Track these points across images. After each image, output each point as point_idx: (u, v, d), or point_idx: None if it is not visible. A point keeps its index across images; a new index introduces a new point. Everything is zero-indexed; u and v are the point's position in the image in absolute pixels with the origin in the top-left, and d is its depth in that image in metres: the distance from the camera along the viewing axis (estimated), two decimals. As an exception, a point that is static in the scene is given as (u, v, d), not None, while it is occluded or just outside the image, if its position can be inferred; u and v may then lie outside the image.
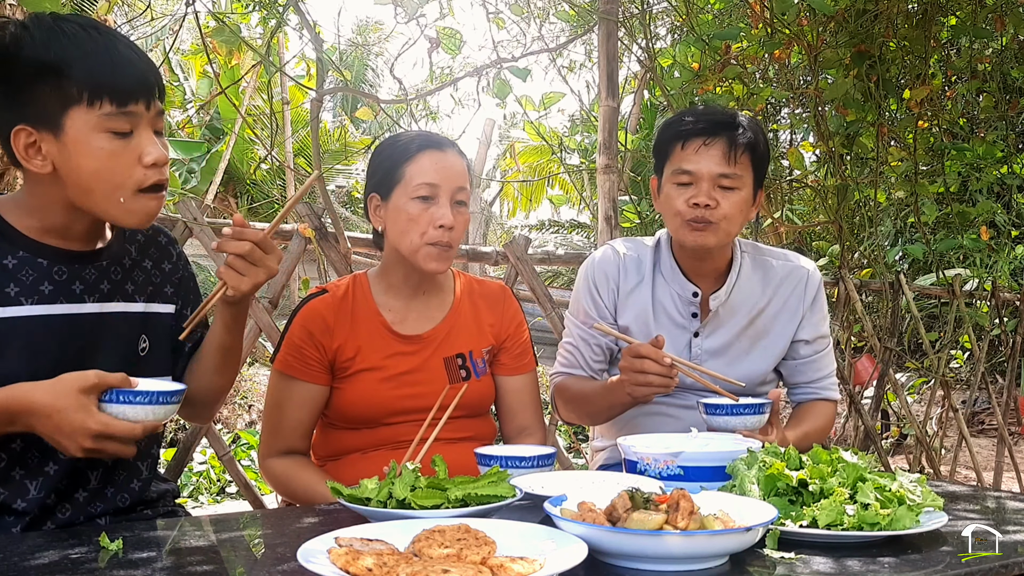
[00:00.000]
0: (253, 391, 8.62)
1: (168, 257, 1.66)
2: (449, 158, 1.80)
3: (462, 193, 1.80)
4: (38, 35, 1.34)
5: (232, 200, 14.69)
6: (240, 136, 12.13)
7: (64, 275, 1.47)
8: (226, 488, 6.17)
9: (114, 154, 1.36)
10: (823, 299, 2.10)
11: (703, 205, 1.89)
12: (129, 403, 1.31)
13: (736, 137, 1.90)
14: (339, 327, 1.81)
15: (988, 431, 8.54)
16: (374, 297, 1.87)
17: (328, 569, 0.97)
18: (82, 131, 1.35)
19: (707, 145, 1.90)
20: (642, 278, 2.05)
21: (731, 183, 1.91)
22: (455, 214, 1.78)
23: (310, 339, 1.80)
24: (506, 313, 1.97)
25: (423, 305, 1.89)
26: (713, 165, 1.89)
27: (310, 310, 1.83)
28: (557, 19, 5.44)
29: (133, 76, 1.37)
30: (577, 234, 15.57)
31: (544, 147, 13.65)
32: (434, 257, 1.78)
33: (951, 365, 6.24)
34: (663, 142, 1.99)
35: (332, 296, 1.85)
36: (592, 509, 1.16)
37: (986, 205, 5.21)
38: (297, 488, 1.79)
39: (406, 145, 1.82)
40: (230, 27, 2.94)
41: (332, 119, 17.49)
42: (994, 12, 4.00)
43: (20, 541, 1.26)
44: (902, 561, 1.15)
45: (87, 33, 1.36)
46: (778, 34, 3.72)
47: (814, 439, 1.95)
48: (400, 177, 1.78)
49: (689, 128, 1.93)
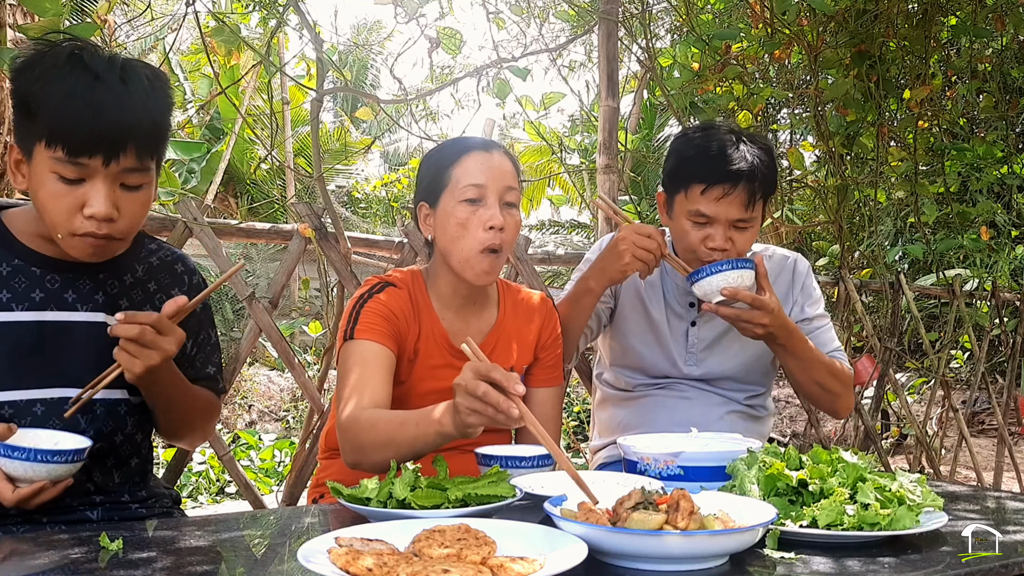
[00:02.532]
0: (253, 391, 8.63)
1: (179, 285, 1.66)
2: (495, 158, 1.76)
3: (511, 194, 1.75)
4: (39, 68, 1.36)
5: (232, 200, 14.69)
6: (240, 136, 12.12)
7: (56, 283, 1.49)
8: (225, 488, 6.18)
9: (57, 195, 1.38)
10: (812, 283, 2.13)
11: (720, 248, 1.93)
12: (7, 456, 1.30)
13: (755, 187, 1.92)
14: (412, 322, 1.77)
15: (988, 431, 8.54)
16: (432, 300, 1.82)
17: (328, 569, 0.97)
18: (39, 165, 1.37)
19: (727, 195, 1.91)
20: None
21: (746, 224, 1.95)
22: (505, 215, 1.72)
23: (392, 316, 1.72)
24: (546, 327, 1.94)
25: (473, 316, 1.85)
26: (733, 211, 1.93)
27: (391, 294, 1.75)
28: (557, 19, 5.44)
29: (95, 130, 1.34)
30: (577, 234, 15.56)
31: (544, 147, 13.64)
32: (484, 267, 1.72)
33: (951, 365, 6.25)
34: (681, 177, 1.98)
35: (405, 290, 1.78)
36: (592, 509, 1.16)
37: (986, 205, 5.21)
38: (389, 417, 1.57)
39: (452, 149, 1.78)
40: (230, 27, 2.94)
41: (332, 119, 17.50)
42: (994, 12, 4.00)
43: (20, 541, 1.26)
44: (902, 561, 1.15)
45: (83, 76, 1.34)
46: (778, 34, 3.72)
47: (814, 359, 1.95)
48: (447, 181, 1.74)
49: (711, 175, 1.93)
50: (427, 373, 1.76)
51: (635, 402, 2.15)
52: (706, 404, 2.10)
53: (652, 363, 2.12)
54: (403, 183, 13.12)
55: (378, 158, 18.97)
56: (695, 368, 2.10)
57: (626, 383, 2.18)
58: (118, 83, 1.36)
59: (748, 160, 1.93)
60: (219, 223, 2.64)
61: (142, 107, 1.38)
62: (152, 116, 1.40)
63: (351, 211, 14.87)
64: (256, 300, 2.58)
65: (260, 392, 8.76)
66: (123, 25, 9.20)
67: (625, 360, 2.17)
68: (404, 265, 2.68)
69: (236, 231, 2.72)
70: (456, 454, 1.75)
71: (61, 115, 1.33)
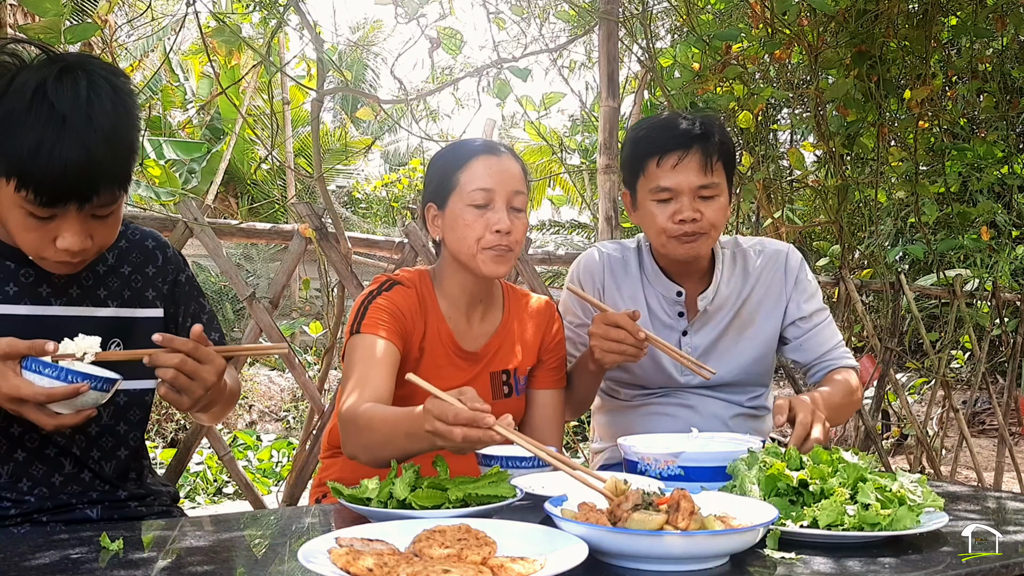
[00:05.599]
0: (253, 391, 8.63)
1: (153, 261, 1.65)
2: (504, 162, 1.77)
3: (519, 198, 1.76)
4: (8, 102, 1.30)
5: (232, 200, 14.70)
6: (240, 136, 12.14)
7: (31, 277, 1.48)
8: (223, 489, 6.18)
9: (27, 228, 1.36)
10: (806, 276, 2.09)
11: (689, 220, 1.89)
12: (37, 372, 1.30)
13: (710, 148, 1.90)
14: (418, 320, 1.78)
15: (989, 431, 8.54)
16: (439, 301, 1.83)
17: (328, 569, 0.97)
18: (6, 197, 1.33)
19: (683, 160, 1.89)
20: (628, 279, 2.06)
21: (710, 192, 1.91)
22: (512, 219, 1.74)
23: (400, 313, 1.74)
24: (550, 331, 1.95)
25: (479, 318, 1.87)
26: (692, 178, 1.89)
27: (399, 292, 1.77)
28: (557, 19, 5.44)
29: (65, 185, 1.31)
30: (578, 234, 15.57)
31: (544, 147, 13.64)
32: (493, 260, 1.74)
33: (952, 365, 6.24)
34: (635, 158, 1.97)
35: (413, 290, 1.80)
36: (593, 509, 1.16)
37: (986, 205, 5.21)
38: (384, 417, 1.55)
39: (460, 152, 1.80)
40: (230, 27, 2.94)
41: (332, 119, 17.51)
42: (994, 12, 4.00)
43: (20, 541, 1.26)
44: (902, 561, 1.15)
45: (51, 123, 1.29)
46: (778, 34, 3.72)
47: (839, 404, 1.89)
48: (455, 184, 1.76)
49: (662, 143, 1.91)
50: (432, 373, 1.75)
51: (636, 410, 2.10)
52: (709, 410, 2.05)
53: (647, 377, 2.07)
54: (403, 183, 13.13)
55: (378, 158, 18.98)
56: (694, 376, 2.02)
57: (624, 395, 2.13)
58: (84, 123, 1.31)
59: (697, 125, 1.92)
60: (219, 223, 2.64)
61: (110, 144, 1.33)
62: (120, 148, 1.36)
63: (351, 211, 14.88)
64: (256, 300, 2.58)
65: (260, 392, 8.75)
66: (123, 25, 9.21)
67: (619, 375, 2.10)
68: (404, 265, 2.69)
69: (236, 231, 2.73)
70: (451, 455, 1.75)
71: (29, 167, 1.29)
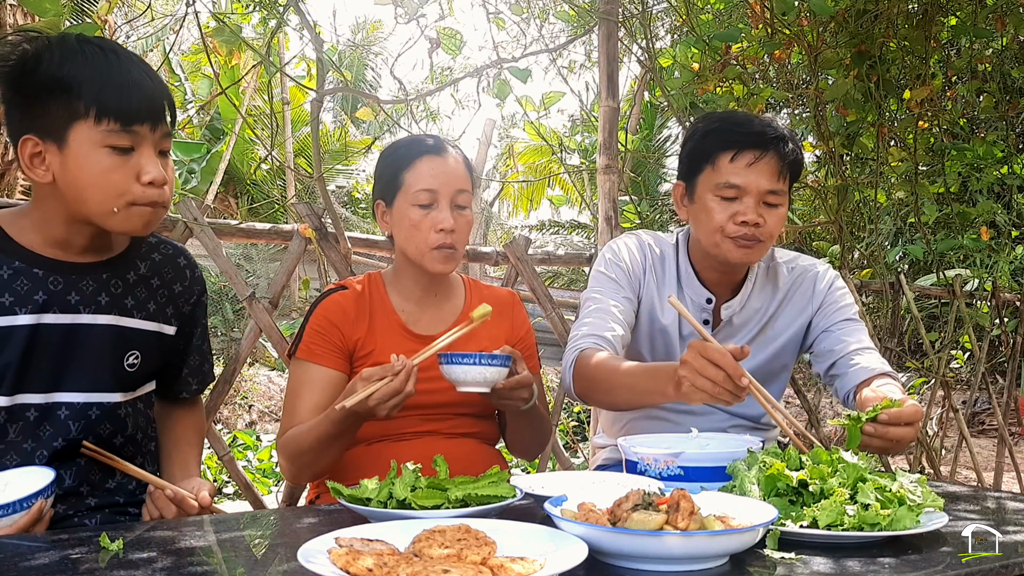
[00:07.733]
0: (253, 391, 8.63)
1: (182, 279, 1.69)
2: (448, 162, 1.83)
3: (462, 196, 1.83)
4: (57, 54, 1.39)
5: (232, 200, 14.69)
6: (240, 136, 12.14)
7: (60, 285, 1.48)
8: (223, 489, 6.17)
9: (113, 168, 1.40)
10: (837, 291, 2.00)
11: (752, 223, 1.82)
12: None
13: (786, 154, 1.84)
14: (359, 321, 1.84)
15: (988, 431, 8.54)
16: (389, 297, 1.90)
17: (328, 569, 0.97)
18: (84, 145, 1.38)
19: (759, 160, 1.82)
20: (665, 276, 2.01)
21: (776, 199, 1.85)
22: (456, 217, 1.81)
23: (332, 327, 1.82)
24: (515, 320, 1.99)
25: (435, 308, 1.92)
26: (763, 181, 1.82)
27: (332, 302, 1.85)
28: (557, 19, 5.44)
29: (140, 99, 1.41)
30: (577, 234, 15.56)
31: (544, 147, 13.66)
32: (439, 260, 1.81)
33: (951, 365, 6.24)
34: (706, 149, 1.88)
35: (352, 292, 1.87)
36: (592, 509, 1.16)
37: (986, 205, 5.20)
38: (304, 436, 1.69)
39: (405, 151, 1.85)
40: (230, 27, 2.94)
41: (332, 119, 17.50)
42: (994, 12, 3.99)
43: (20, 541, 1.26)
44: (902, 562, 1.15)
45: (104, 55, 1.41)
46: (778, 34, 3.72)
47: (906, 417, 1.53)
48: (400, 184, 1.82)
49: (740, 139, 1.84)
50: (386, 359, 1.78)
51: (636, 412, 2.09)
52: (711, 420, 2.00)
53: None
54: (403, 183, 13.09)
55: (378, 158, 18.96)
56: None
57: None
58: (128, 56, 1.45)
59: (776, 127, 1.85)
60: (219, 223, 2.64)
61: (153, 76, 1.46)
62: (159, 82, 1.48)
63: (351, 211, 14.87)
64: (256, 300, 2.58)
65: (260, 392, 8.75)
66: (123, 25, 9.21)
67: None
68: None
69: (236, 231, 2.73)
70: (441, 439, 1.79)
71: (107, 90, 1.38)
